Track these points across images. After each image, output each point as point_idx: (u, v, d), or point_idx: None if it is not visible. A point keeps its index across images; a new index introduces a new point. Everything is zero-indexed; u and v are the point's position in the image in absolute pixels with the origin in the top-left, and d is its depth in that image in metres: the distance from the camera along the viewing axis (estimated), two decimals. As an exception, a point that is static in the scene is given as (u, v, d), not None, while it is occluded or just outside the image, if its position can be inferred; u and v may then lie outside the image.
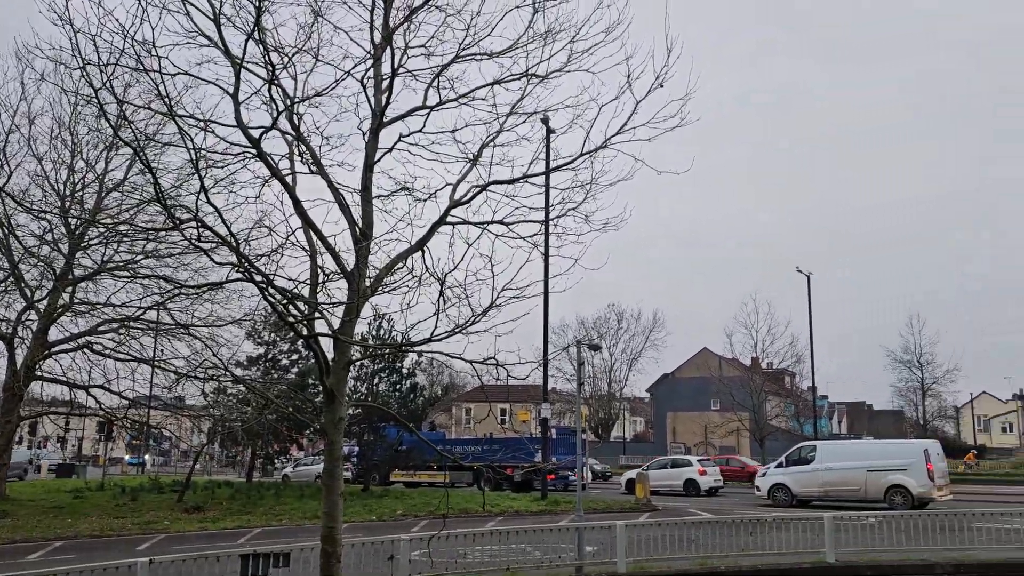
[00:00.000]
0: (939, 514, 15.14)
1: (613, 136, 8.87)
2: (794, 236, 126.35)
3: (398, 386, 34.17)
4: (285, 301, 7.88)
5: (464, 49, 8.99)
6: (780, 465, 27.88)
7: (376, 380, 33.24)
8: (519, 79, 9.12)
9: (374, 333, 29.07)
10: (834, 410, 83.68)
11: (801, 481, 26.54)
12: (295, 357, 34.71)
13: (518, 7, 8.87)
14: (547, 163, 10.12)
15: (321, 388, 8.40)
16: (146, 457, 62.64)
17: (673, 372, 70.66)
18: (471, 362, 8.37)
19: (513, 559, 13.04)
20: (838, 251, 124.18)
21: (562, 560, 13.33)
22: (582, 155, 9.21)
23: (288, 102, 8.43)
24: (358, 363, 30.86)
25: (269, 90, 8.16)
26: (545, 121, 14.02)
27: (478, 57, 9.08)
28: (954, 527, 14.55)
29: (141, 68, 7.55)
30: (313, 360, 9.69)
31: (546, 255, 11.57)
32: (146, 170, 9.97)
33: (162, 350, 26.86)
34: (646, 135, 8.87)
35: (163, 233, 18.65)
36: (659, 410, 71.80)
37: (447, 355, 8.67)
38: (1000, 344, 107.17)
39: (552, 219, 9.69)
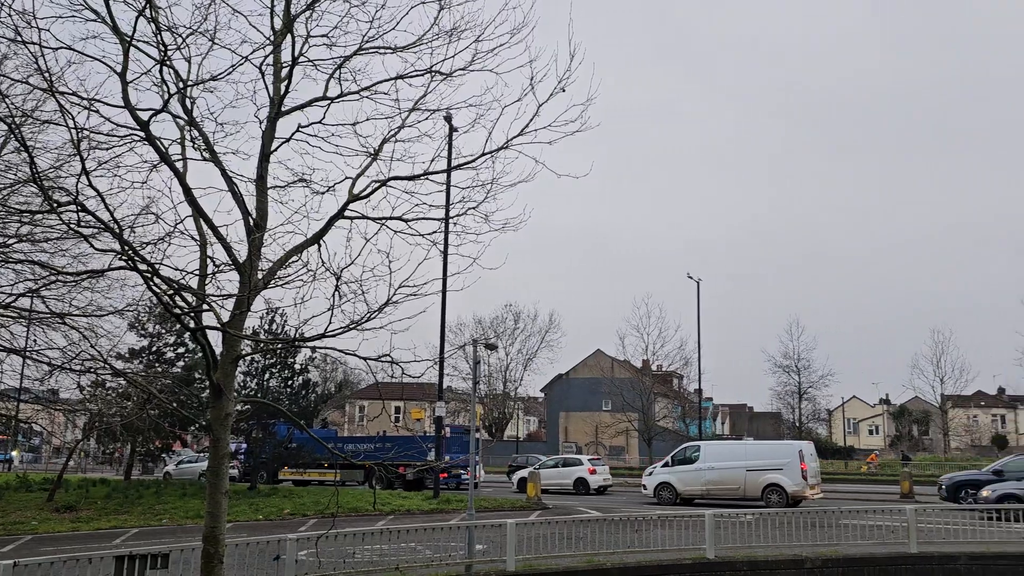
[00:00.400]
0: (811, 511, 16.04)
1: (515, 137, 8.94)
2: (688, 242, 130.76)
3: (290, 382, 33.34)
4: (171, 292, 7.57)
5: (368, 41, 8.86)
6: (666, 465, 28.78)
7: (267, 376, 32.33)
8: (423, 75, 9.06)
9: (266, 327, 28.28)
10: (718, 412, 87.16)
11: (685, 480, 27.49)
12: (181, 350, 33.35)
13: (424, 2, 8.82)
14: (449, 161, 10.11)
15: (208, 383, 8.11)
16: (13, 453, 58.76)
17: (567, 373, 71.86)
18: (365, 359, 8.27)
19: (403, 558, 12.96)
20: (728, 258, 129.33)
21: (452, 559, 13.34)
22: (483, 155, 9.24)
23: (181, 85, 8.09)
24: (248, 358, 29.96)
25: (160, 71, 7.81)
26: (448, 119, 13.99)
27: (382, 51, 8.97)
28: (824, 523, 15.42)
29: (19, 40, 7.08)
30: (200, 354, 9.34)
31: (445, 253, 11.56)
32: (22, 148, 9.35)
33: (35, 340, 25.23)
34: (547, 138, 8.98)
35: (39, 216, 17.55)
36: (552, 410, 72.87)
37: (341, 351, 8.51)
38: (869, 351, 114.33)
39: (452, 217, 9.70)
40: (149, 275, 7.16)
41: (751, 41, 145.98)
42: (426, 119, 9.46)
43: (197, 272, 8.25)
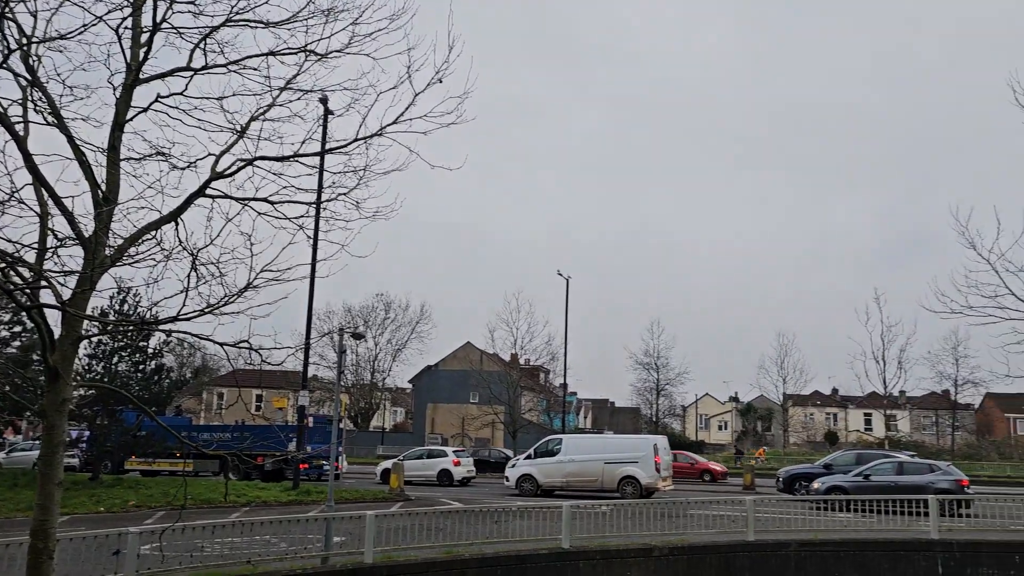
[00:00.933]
0: (662, 502, 16.76)
1: (389, 125, 8.82)
2: (561, 239, 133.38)
3: (141, 367, 31.57)
4: (4, 266, 6.98)
5: (237, 13, 8.48)
6: (529, 457, 29.31)
7: (116, 359, 30.46)
8: (296, 54, 8.78)
9: (116, 308, 26.62)
10: (582, 406, 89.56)
11: (546, 472, 28.10)
12: (17, 329, 30.85)
13: (299, -23, 8.54)
14: (323, 144, 9.85)
15: (44, 366, 7.54)
16: None
17: (436, 364, 71.74)
18: (222, 344, 7.95)
19: (256, 551, 12.55)
20: (598, 256, 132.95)
21: (308, 551, 13.04)
22: (357, 140, 9.07)
23: (24, 41, 7.47)
24: (96, 340, 28.10)
25: (0, 24, 7.18)
26: (324, 101, 13.62)
27: (252, 24, 8.61)
28: (673, 514, 16.18)
29: None
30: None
31: (315, 238, 11.26)
32: None
33: None
34: (423, 128, 8.92)
35: None
36: (420, 401, 72.57)
37: (195, 336, 8.13)
38: (722, 351, 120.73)
39: (323, 202, 9.46)
40: (-22, 247, 6.59)
41: (626, 45, 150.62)
42: (298, 99, 9.17)
43: (35, 245, 7.65)
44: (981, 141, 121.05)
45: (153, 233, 8.12)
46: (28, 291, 7.16)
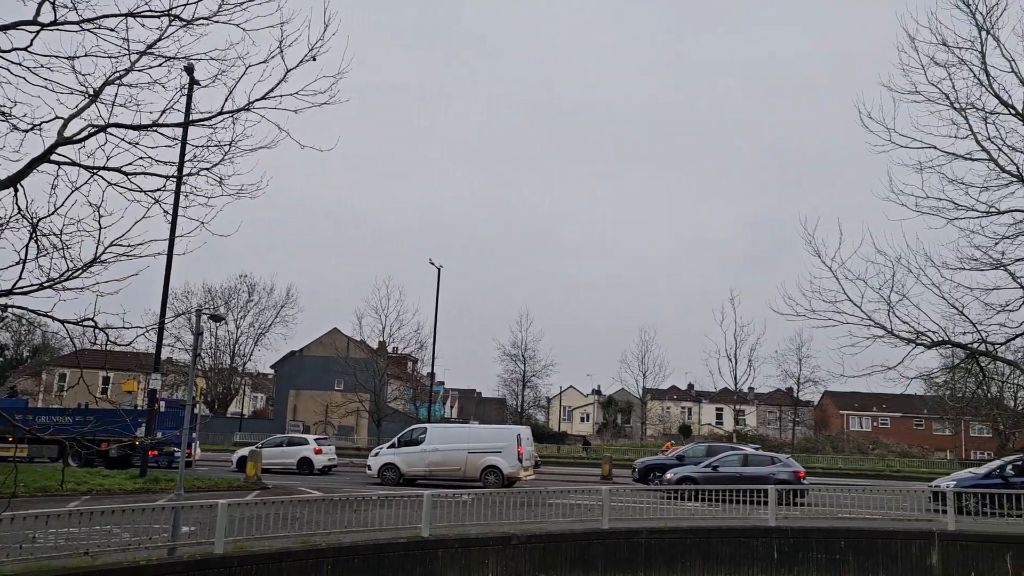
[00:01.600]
0: (523, 492, 17.09)
1: (258, 100, 8.52)
2: (435, 228, 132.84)
3: (-30, 343, 29.05)
4: None
5: (94, -32, 7.93)
6: (392, 446, 29.10)
7: (-60, 334, 27.88)
8: (159, 17, 8.30)
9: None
10: (448, 395, 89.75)
11: (410, 461, 28.01)
12: None
13: (165, -64, 8.08)
14: (187, 115, 9.38)
15: None
16: None
17: (301, 350, 69.88)
18: (63, 322, 7.41)
19: (96, 542, 11.82)
20: (472, 246, 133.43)
21: (154, 542, 12.42)
22: (223, 113, 8.70)
23: None
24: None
25: None
26: (189, 70, 12.93)
27: (112, -19, 8.08)
28: (533, 503, 16.54)
29: None
30: None
31: (174, 213, 10.71)
32: None
33: None
34: (294, 106, 8.66)
35: None
36: (282, 387, 70.48)
37: (32, 312, 7.54)
38: (587, 345, 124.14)
39: (183, 176, 9.01)
40: None
41: (517, 38, 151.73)
42: (160, 66, 8.68)
43: None
44: (839, 154, 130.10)
45: (-12, 199, 7.48)
46: None
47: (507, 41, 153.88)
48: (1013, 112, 13.79)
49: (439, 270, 48.36)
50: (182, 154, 9.08)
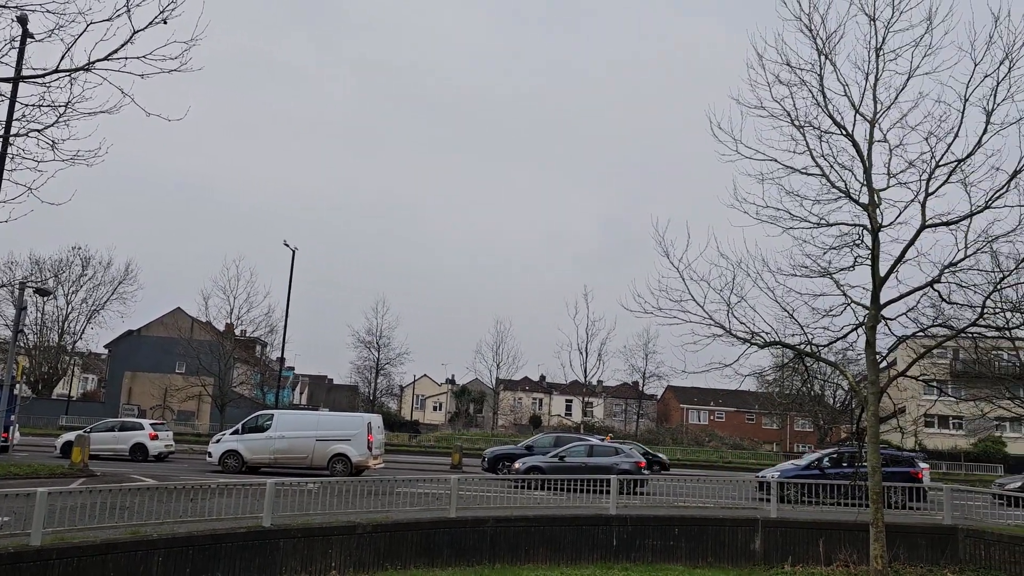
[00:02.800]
0: (371, 480, 16.89)
1: (100, 60, 7.92)
2: (293, 208, 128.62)
3: None
4: None
5: None
6: (236, 432, 27.99)
7: None
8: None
9: None
10: (298, 381, 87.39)
11: (254, 448, 27.04)
12: None
13: None
14: (17, 70, 8.57)
15: None
16: None
17: (139, 330, 65.83)
18: None
19: None
20: (330, 229, 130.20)
21: (-41, 534, 11.33)
22: (60, 72, 8.03)
23: None
24: None
25: None
26: (22, 20, 11.85)
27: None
28: (381, 492, 16.37)
29: None
30: None
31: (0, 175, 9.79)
32: None
33: None
34: (141, 70, 8.10)
35: None
36: (116, 369, 66.15)
37: None
38: (443, 334, 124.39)
39: (10, 136, 8.24)
40: None
41: (393, 20, 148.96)
42: (-16, 12, 7.89)
43: None
44: (694, 160, 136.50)
45: None
46: None
47: (376, 19, 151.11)
48: (844, 133, 14.91)
49: (294, 252, 46.89)
50: (10, 112, 8.27)
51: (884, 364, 16.07)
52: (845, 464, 23.74)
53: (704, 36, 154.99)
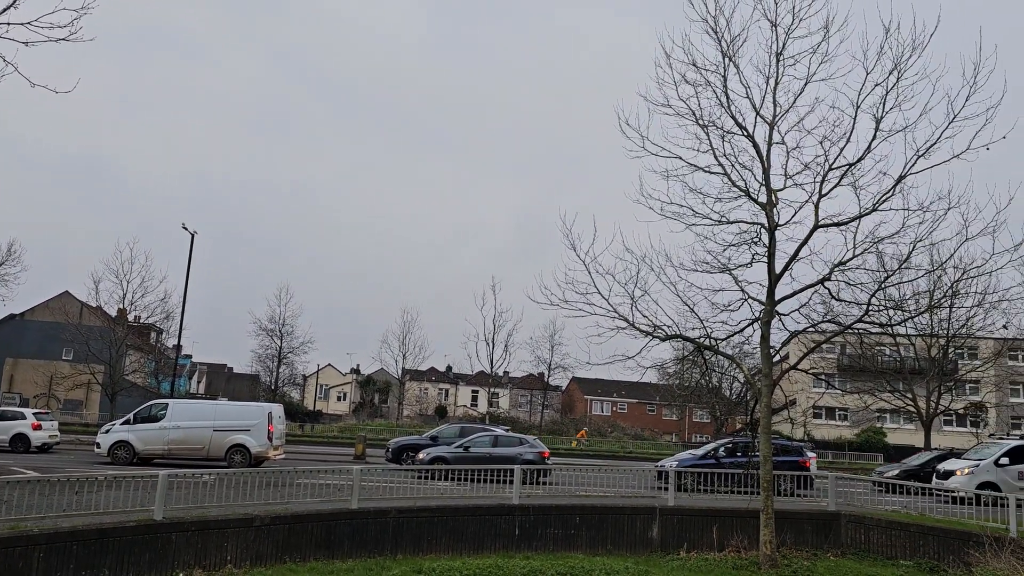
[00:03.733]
0: (270, 471, 16.47)
1: (-24, 22, 7.36)
2: (195, 190, 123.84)
3: None
4: None
5: None
6: (127, 422, 26.78)
7: None
8: None
9: None
10: (196, 370, 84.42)
11: (146, 439, 25.96)
12: None
13: None
14: None
15: None
16: None
17: (23, 314, 62.11)
18: None
19: None
20: (232, 213, 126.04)
21: None
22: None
23: None
24: None
25: None
26: None
27: None
28: (281, 483, 16.00)
29: None
30: None
31: None
32: None
33: None
34: (25, 37, 7.60)
35: None
36: (-4, 355, 62.26)
37: None
38: (348, 323, 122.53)
39: None
40: None
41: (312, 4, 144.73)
42: None
43: None
44: (605, 155, 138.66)
45: None
46: None
47: (297, 4, 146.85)
48: (745, 134, 15.44)
49: (192, 236, 45.10)
50: None
51: (777, 358, 16.74)
52: (739, 454, 24.64)
53: (623, 33, 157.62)
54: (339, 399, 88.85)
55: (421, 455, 26.02)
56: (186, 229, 45.27)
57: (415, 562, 13.99)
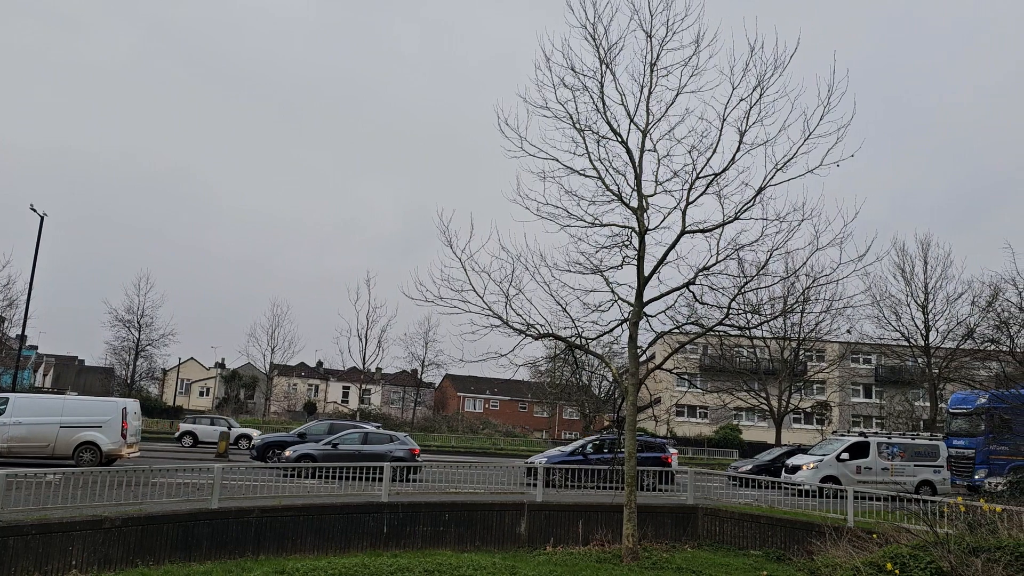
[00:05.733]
0: (124, 470, 15.56)
1: None
2: (54, 169, 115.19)
3: None
4: None
5: None
6: (-40, 418, 24.57)
7: None
8: None
9: None
10: (42, 362, 78.69)
11: (-17, 436, 23.91)
12: None
13: None
14: None
15: None
16: None
17: None
18: None
19: None
20: (90, 198, 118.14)
21: None
22: None
23: None
24: None
25: None
26: None
27: None
28: (136, 482, 15.13)
29: None
30: None
31: None
32: None
33: None
34: None
35: None
36: None
37: None
38: (215, 315, 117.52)
39: None
40: None
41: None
42: None
43: None
44: (486, 153, 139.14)
45: None
46: None
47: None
48: (619, 140, 15.92)
49: (42, 219, 41.92)
50: None
51: (644, 358, 17.35)
52: (606, 450, 25.37)
53: (512, 32, 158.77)
54: (202, 394, 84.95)
55: (287, 452, 25.27)
56: (34, 211, 42.04)
57: (278, 563, 13.56)
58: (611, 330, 16.80)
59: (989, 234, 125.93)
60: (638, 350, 16.47)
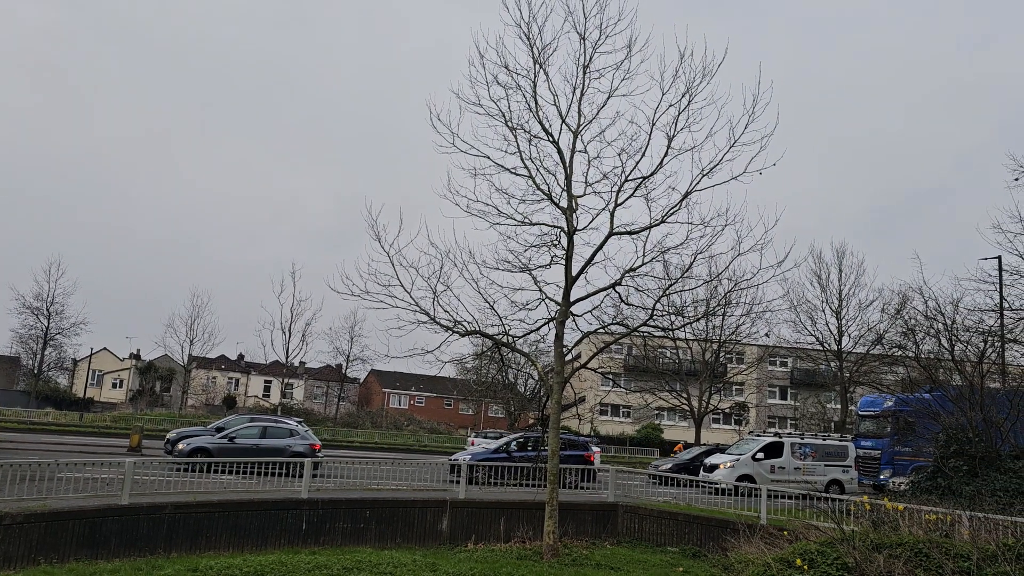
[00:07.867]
0: (26, 463, 14.84)
1: None
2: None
3: None
4: None
5: None
6: None
7: None
8: None
9: None
10: (-60, 350, 74.54)
11: None
12: None
13: None
14: None
15: None
16: None
17: None
18: None
19: None
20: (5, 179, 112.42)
21: None
22: None
23: None
24: None
25: None
26: None
27: None
28: (39, 477, 14.45)
29: None
30: None
31: None
32: None
33: None
34: None
35: None
36: None
37: None
38: (132, 305, 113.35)
39: None
40: None
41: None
42: None
43: None
44: (419, 147, 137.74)
45: None
46: None
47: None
48: (551, 140, 16.00)
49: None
50: None
51: (569, 356, 17.50)
52: (530, 447, 25.50)
53: (448, 27, 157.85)
54: (115, 386, 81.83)
55: (181, 445, 24.31)
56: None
57: (191, 560, 13.17)
58: (538, 328, 16.87)
59: (900, 245, 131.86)
60: (564, 349, 16.60)
